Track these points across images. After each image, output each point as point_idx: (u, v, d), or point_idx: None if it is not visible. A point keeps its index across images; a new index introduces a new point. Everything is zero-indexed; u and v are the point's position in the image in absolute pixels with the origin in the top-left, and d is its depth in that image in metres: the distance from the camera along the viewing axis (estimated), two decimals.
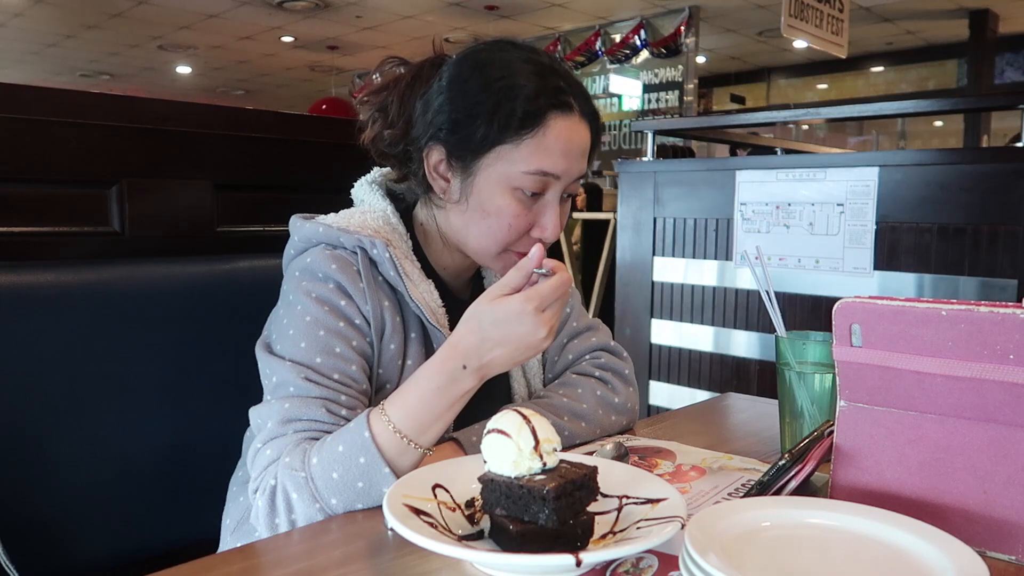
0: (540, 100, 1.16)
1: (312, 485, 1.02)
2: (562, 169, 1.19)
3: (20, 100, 1.37)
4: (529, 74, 1.18)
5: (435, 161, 1.23)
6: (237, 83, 14.84)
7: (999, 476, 0.89)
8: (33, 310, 1.25)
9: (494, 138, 1.17)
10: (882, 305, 0.92)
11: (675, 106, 9.73)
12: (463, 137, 1.19)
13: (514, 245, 1.23)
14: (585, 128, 1.22)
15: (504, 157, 1.18)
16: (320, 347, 1.14)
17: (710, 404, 1.80)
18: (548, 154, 1.17)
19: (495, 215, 1.20)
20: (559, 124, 1.17)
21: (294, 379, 1.11)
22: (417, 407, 1.06)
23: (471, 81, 1.20)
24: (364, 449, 1.03)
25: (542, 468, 0.87)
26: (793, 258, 3.13)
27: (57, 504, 1.27)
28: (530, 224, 1.21)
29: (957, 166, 2.77)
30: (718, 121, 5.54)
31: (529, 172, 1.17)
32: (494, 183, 1.19)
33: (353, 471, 1.02)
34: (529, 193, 1.19)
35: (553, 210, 1.21)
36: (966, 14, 10.04)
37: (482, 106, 1.17)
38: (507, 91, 1.17)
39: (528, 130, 1.16)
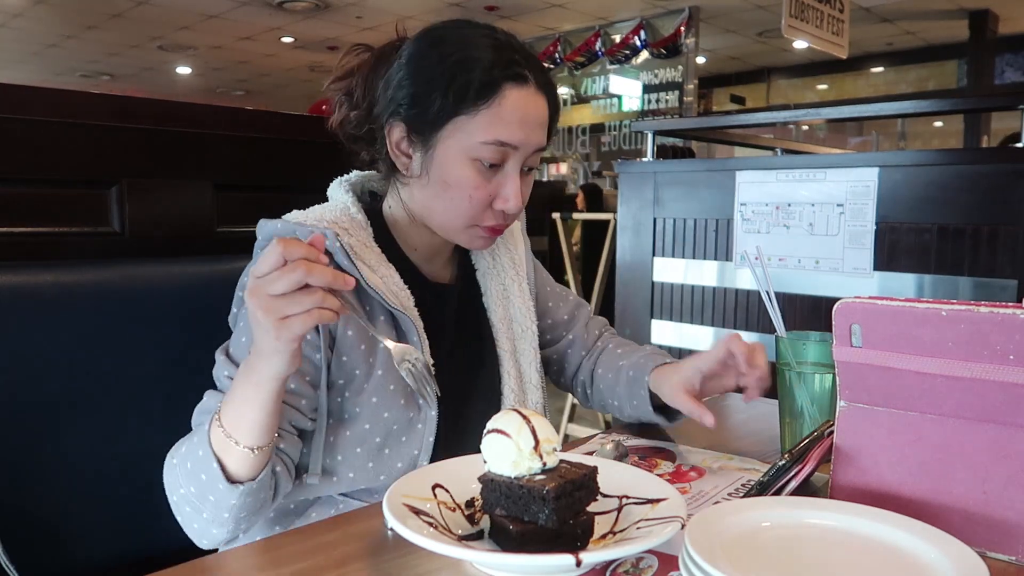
0: (495, 71, 1.18)
1: (177, 472, 1.09)
2: (519, 139, 1.20)
3: (20, 100, 1.37)
4: (484, 47, 1.20)
5: (397, 138, 1.26)
6: (237, 83, 14.84)
7: (999, 476, 0.89)
8: (33, 310, 1.25)
9: (451, 110, 1.19)
10: (882, 305, 0.92)
11: (675, 106, 9.73)
12: (421, 111, 1.21)
13: (479, 219, 1.25)
14: (541, 99, 1.24)
15: (461, 128, 1.20)
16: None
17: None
18: (505, 124, 1.19)
19: (455, 186, 1.22)
20: (514, 94, 1.19)
21: (220, 375, 1.18)
22: (231, 400, 1.05)
23: (428, 56, 1.23)
24: (203, 443, 1.06)
25: (542, 468, 0.87)
26: (793, 258, 3.13)
27: (57, 504, 1.27)
28: (491, 196, 1.23)
29: (957, 167, 2.77)
30: (718, 122, 5.54)
31: (486, 142, 1.19)
32: (453, 155, 1.21)
33: (198, 463, 1.06)
34: (488, 164, 1.21)
35: (513, 180, 1.23)
36: (966, 15, 10.04)
37: (438, 79, 1.19)
38: (462, 63, 1.19)
39: (484, 101, 1.18)
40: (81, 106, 1.44)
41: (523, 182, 1.26)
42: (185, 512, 1.10)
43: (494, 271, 1.43)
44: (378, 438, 1.19)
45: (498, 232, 1.29)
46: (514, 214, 1.26)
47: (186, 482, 1.07)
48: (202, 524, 1.09)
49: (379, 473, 1.19)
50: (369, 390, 1.19)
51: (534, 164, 1.27)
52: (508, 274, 1.43)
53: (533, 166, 1.27)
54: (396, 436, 1.20)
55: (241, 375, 1.04)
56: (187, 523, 1.11)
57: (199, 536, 1.11)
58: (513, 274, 1.43)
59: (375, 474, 1.19)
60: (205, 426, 1.07)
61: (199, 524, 1.09)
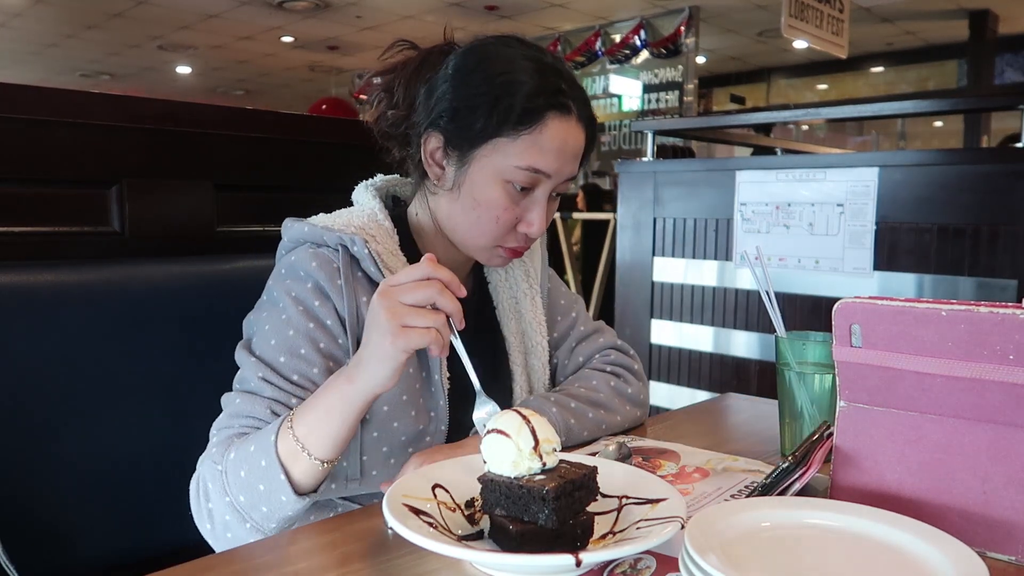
0: (540, 99, 1.18)
1: (224, 479, 1.07)
2: (554, 169, 1.21)
3: (20, 100, 1.37)
4: (532, 71, 1.20)
5: (432, 148, 1.26)
6: (237, 83, 14.83)
7: (999, 476, 0.89)
8: (33, 310, 1.25)
9: (492, 130, 1.19)
10: (882, 305, 0.92)
11: (675, 106, 9.72)
12: (462, 126, 1.21)
13: (502, 240, 1.25)
14: (581, 131, 1.24)
15: (500, 150, 1.20)
16: (287, 347, 1.16)
17: (710, 404, 1.80)
18: (542, 152, 1.19)
19: (485, 206, 1.22)
20: (556, 124, 1.19)
21: (252, 376, 1.15)
22: (313, 417, 1.05)
23: (475, 73, 1.22)
24: (266, 452, 1.04)
25: (542, 468, 0.87)
26: (793, 258, 3.13)
27: (57, 504, 1.27)
28: (517, 219, 1.24)
29: (957, 166, 2.77)
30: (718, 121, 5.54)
31: (522, 167, 1.19)
32: (487, 174, 1.21)
33: (256, 472, 1.05)
34: (519, 188, 1.21)
35: (541, 207, 1.24)
36: (966, 15, 10.04)
37: (483, 98, 1.19)
38: (508, 86, 1.19)
39: (525, 127, 1.18)
40: (81, 106, 1.44)
41: (550, 207, 1.27)
42: (222, 520, 1.07)
43: (506, 284, 1.42)
44: (385, 447, 1.19)
45: (518, 254, 1.29)
46: (535, 238, 1.26)
47: (236, 491, 1.05)
48: (240, 533, 1.07)
49: (380, 480, 1.19)
50: (383, 399, 1.19)
51: (563, 191, 1.27)
52: (520, 287, 1.42)
53: (562, 192, 1.27)
54: (403, 447, 1.20)
55: (329, 387, 1.05)
56: (218, 530, 1.08)
57: (223, 540, 1.09)
58: (526, 287, 1.42)
59: (376, 481, 1.19)
60: (269, 435, 1.05)
61: (234, 533, 1.07)
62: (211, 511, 1.08)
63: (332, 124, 1.81)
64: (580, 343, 1.48)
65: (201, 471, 1.11)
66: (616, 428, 1.37)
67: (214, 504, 1.08)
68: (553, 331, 1.47)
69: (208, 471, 1.09)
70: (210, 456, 1.11)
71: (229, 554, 0.97)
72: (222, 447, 1.10)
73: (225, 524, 1.07)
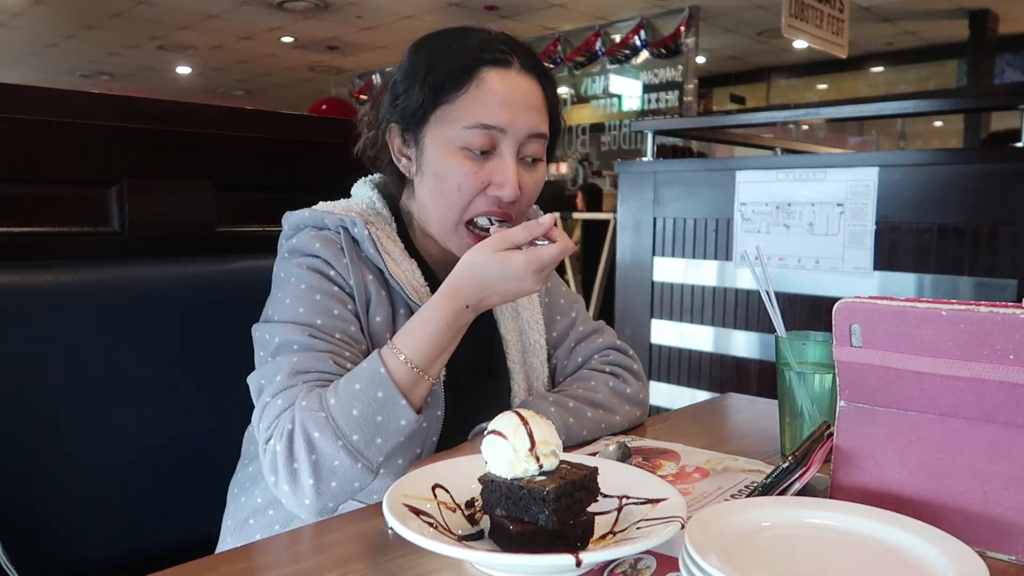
0: (469, 56, 1.20)
1: (333, 423, 1.05)
2: (504, 121, 1.20)
3: (20, 100, 1.37)
4: (462, 40, 1.23)
5: (396, 142, 1.28)
6: (237, 83, 14.83)
7: (999, 476, 0.89)
8: (33, 310, 1.25)
9: (431, 101, 1.21)
10: (882, 305, 0.92)
11: (675, 106, 9.72)
12: (406, 108, 1.23)
13: (470, 209, 1.23)
14: (528, 81, 1.23)
15: (444, 118, 1.21)
16: (319, 309, 1.17)
17: (710, 404, 1.80)
18: (485, 107, 1.19)
19: (444, 177, 1.22)
20: (493, 76, 1.20)
21: (298, 336, 1.13)
22: (427, 342, 1.11)
23: (414, 58, 1.25)
24: (381, 384, 1.07)
25: (539, 470, 0.86)
26: (793, 258, 3.13)
27: (57, 504, 1.27)
28: (484, 183, 1.22)
29: (957, 166, 2.77)
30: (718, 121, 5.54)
31: (469, 127, 1.19)
32: (440, 146, 1.22)
33: (372, 406, 1.07)
34: (478, 152, 1.20)
35: (507, 165, 1.21)
36: (966, 14, 10.03)
37: (419, 74, 1.22)
38: (440, 55, 1.21)
39: (461, 86, 1.19)
40: (81, 106, 1.44)
41: (528, 175, 1.24)
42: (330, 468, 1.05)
43: None
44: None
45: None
46: (510, 201, 1.22)
47: (349, 431, 1.06)
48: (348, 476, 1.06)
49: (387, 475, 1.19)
50: None
51: (536, 154, 1.24)
52: None
53: (536, 156, 1.25)
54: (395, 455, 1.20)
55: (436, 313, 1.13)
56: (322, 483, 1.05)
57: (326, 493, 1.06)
58: None
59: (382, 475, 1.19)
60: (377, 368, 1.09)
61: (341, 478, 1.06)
62: (316, 463, 1.04)
63: (332, 124, 1.81)
64: (579, 343, 1.47)
65: (299, 424, 1.06)
66: (616, 428, 1.36)
67: (321, 454, 1.04)
68: (552, 331, 1.47)
69: (310, 420, 1.05)
70: (303, 408, 1.06)
71: (230, 554, 0.97)
72: (312, 398, 1.07)
73: (332, 471, 1.05)
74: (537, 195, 1.28)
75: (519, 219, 1.27)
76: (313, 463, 1.05)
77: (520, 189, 1.22)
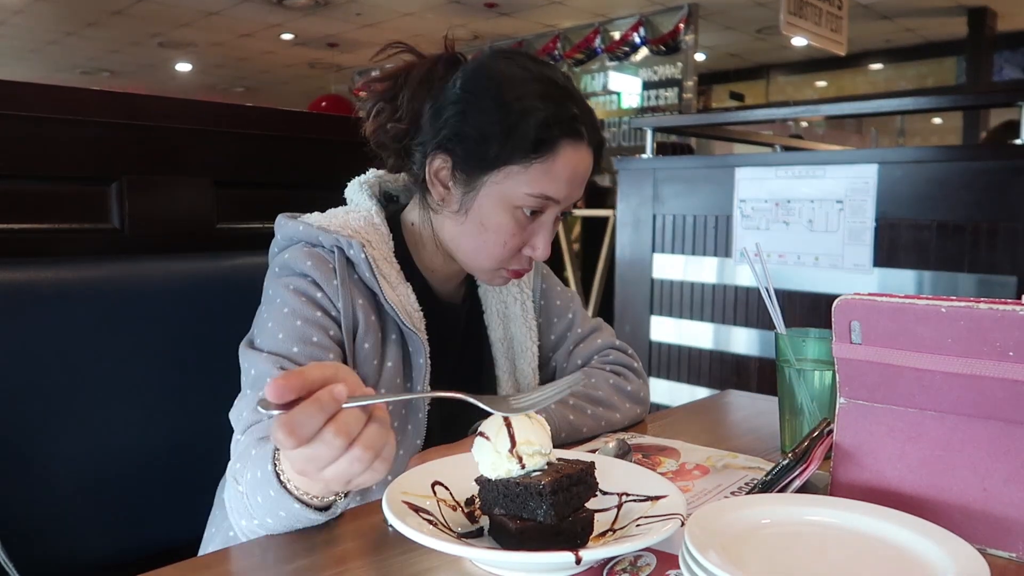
0: (554, 128, 1.18)
1: (247, 502, 0.97)
2: (564, 195, 1.22)
3: (20, 97, 1.37)
4: (544, 96, 1.19)
5: (437, 167, 1.24)
6: (237, 80, 14.81)
7: (999, 473, 0.89)
8: (32, 307, 1.25)
9: (504, 158, 1.18)
10: (882, 302, 0.92)
11: (674, 103, 9.70)
12: (472, 152, 1.20)
13: (507, 263, 1.26)
14: (590, 156, 1.24)
15: (511, 177, 1.19)
16: (297, 336, 1.14)
17: (710, 401, 1.80)
18: (554, 180, 1.19)
19: (493, 231, 1.22)
20: (568, 152, 1.19)
21: (270, 369, 1.11)
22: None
23: (485, 97, 1.20)
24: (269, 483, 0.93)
25: (522, 470, 0.86)
26: (792, 255, 3.13)
27: (57, 503, 1.27)
28: (523, 243, 1.24)
29: (956, 163, 2.77)
30: (717, 118, 5.54)
31: (533, 195, 1.20)
32: (496, 200, 1.21)
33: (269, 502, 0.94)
34: (529, 212, 1.21)
35: (547, 231, 1.24)
36: (965, 11, 10.02)
37: (495, 126, 1.18)
38: (522, 114, 1.17)
39: (539, 156, 1.18)
40: (81, 103, 1.44)
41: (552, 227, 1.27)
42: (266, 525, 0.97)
43: (495, 290, 1.41)
44: None
45: (521, 275, 1.30)
46: (541, 260, 1.27)
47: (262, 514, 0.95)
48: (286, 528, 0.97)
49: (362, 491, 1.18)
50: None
51: (567, 211, 1.28)
52: (511, 292, 1.42)
53: (567, 212, 1.28)
54: None
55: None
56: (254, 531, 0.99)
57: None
58: (516, 292, 1.42)
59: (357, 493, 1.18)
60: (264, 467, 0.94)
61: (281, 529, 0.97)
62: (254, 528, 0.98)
63: (332, 121, 1.81)
64: (578, 345, 1.47)
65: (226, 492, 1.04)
66: (616, 425, 1.37)
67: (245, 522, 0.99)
68: (550, 333, 1.47)
69: (230, 492, 1.02)
70: (232, 472, 1.03)
71: (229, 551, 0.97)
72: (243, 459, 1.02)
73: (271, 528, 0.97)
74: None
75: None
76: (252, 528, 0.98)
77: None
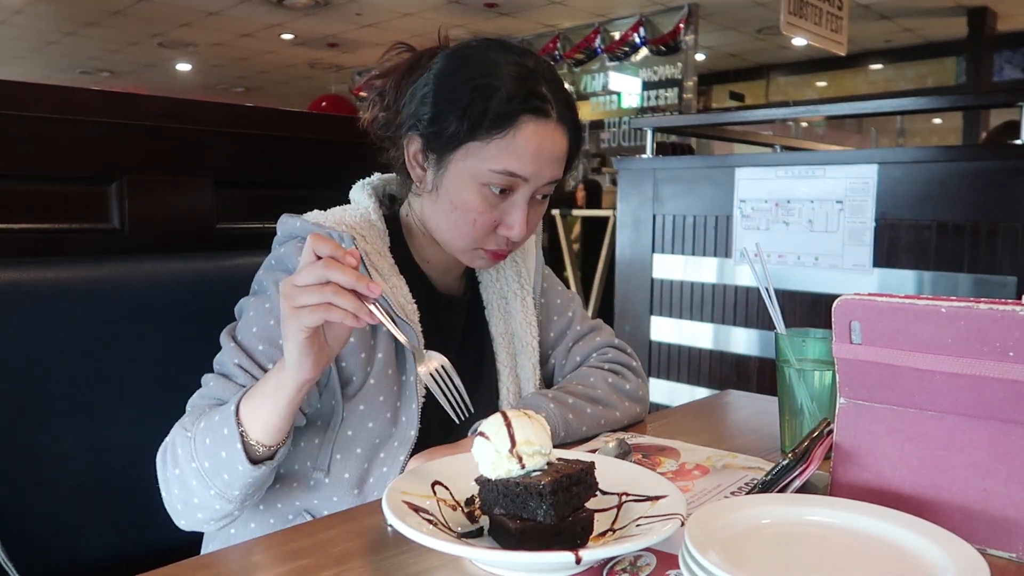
0: (514, 103, 1.18)
1: (193, 445, 1.08)
2: (530, 172, 1.21)
3: (20, 97, 1.37)
4: (509, 76, 1.20)
5: (414, 150, 1.27)
6: (237, 80, 14.81)
7: (999, 473, 0.89)
8: (33, 307, 1.25)
9: (465, 135, 1.20)
10: (882, 302, 0.92)
11: (674, 103, 9.71)
12: (437, 130, 1.22)
13: (483, 242, 1.26)
14: (561, 134, 1.23)
15: (473, 154, 1.20)
16: (266, 336, 1.17)
17: (710, 401, 1.80)
18: (516, 156, 1.19)
19: (461, 209, 1.23)
20: (531, 128, 1.19)
21: (228, 363, 1.17)
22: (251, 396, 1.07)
23: (453, 76, 1.23)
24: (228, 421, 1.05)
25: (521, 470, 0.86)
26: (792, 255, 3.13)
27: (57, 503, 1.27)
28: (496, 221, 1.24)
29: (956, 163, 2.77)
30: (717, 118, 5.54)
31: (496, 171, 1.20)
32: (463, 178, 1.22)
33: (219, 440, 1.06)
34: (497, 191, 1.21)
35: (520, 209, 1.23)
36: (965, 12, 10.02)
37: (458, 102, 1.20)
38: (483, 90, 1.19)
39: (499, 131, 1.18)
40: (81, 103, 1.44)
41: (533, 210, 1.26)
42: (188, 485, 1.09)
43: (496, 284, 1.42)
44: (359, 448, 1.19)
45: (500, 257, 1.29)
46: (518, 240, 1.26)
47: (202, 456, 1.07)
48: (205, 498, 1.08)
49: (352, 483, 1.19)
50: (359, 398, 1.19)
51: (547, 192, 1.27)
52: (511, 287, 1.42)
53: (545, 195, 1.27)
54: (375, 449, 1.20)
55: (271, 373, 1.06)
56: (184, 495, 1.10)
57: (190, 507, 1.11)
58: (517, 288, 1.42)
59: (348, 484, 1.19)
60: (231, 406, 1.06)
61: (200, 498, 1.09)
62: (179, 476, 1.09)
63: (332, 121, 1.81)
64: (577, 342, 1.48)
65: (172, 437, 1.13)
66: (615, 424, 1.37)
67: (182, 469, 1.09)
68: (549, 331, 1.47)
69: (179, 437, 1.11)
70: (182, 424, 1.13)
71: (229, 551, 0.97)
72: (193, 416, 1.13)
73: (191, 489, 1.09)
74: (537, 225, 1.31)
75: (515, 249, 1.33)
76: (177, 477, 1.10)
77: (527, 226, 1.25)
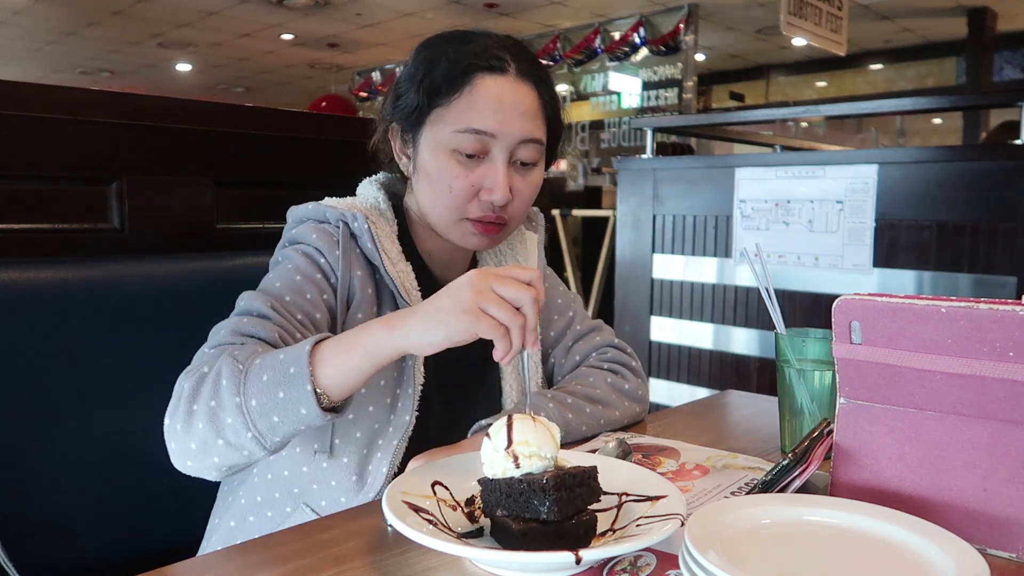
0: (464, 61, 1.21)
1: (243, 380, 0.99)
2: (495, 127, 1.20)
3: (20, 97, 1.37)
4: (462, 42, 1.23)
5: (398, 143, 1.30)
6: (237, 80, 14.81)
7: (999, 473, 0.89)
8: (33, 307, 1.25)
9: (427, 105, 1.22)
10: (882, 302, 0.92)
11: (674, 104, 9.71)
12: (404, 108, 1.25)
13: (466, 211, 1.24)
14: (524, 87, 1.23)
15: (437, 120, 1.22)
16: (293, 288, 1.18)
17: (710, 401, 1.80)
18: (477, 112, 1.20)
19: (436, 178, 1.24)
20: (487, 82, 1.21)
21: (259, 305, 1.13)
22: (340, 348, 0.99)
23: (413, 60, 1.27)
24: (297, 361, 0.98)
25: (517, 470, 0.86)
26: (792, 255, 3.13)
27: (57, 503, 1.27)
28: (475, 186, 1.23)
29: (956, 163, 2.77)
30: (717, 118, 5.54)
31: (460, 131, 1.20)
32: (433, 148, 1.24)
33: (280, 379, 0.98)
34: (467, 155, 1.21)
35: (497, 170, 1.22)
36: (965, 12, 10.02)
37: (415, 76, 1.24)
38: (435, 59, 1.23)
39: (455, 91, 1.20)
40: (81, 103, 1.44)
41: (521, 178, 1.25)
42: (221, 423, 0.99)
43: None
44: (358, 432, 1.19)
45: (491, 229, 1.25)
46: (501, 204, 1.23)
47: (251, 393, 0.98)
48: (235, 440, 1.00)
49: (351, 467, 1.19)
50: None
51: (530, 159, 1.25)
52: None
53: (528, 160, 1.25)
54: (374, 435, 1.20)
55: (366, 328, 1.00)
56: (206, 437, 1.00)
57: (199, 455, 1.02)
58: None
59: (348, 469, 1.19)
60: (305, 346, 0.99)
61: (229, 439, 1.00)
62: (212, 410, 1.00)
63: (332, 121, 1.81)
64: (577, 342, 1.48)
65: (216, 368, 1.02)
66: (615, 424, 1.37)
67: (220, 402, 0.99)
68: (550, 330, 1.48)
69: (227, 367, 1.01)
70: (230, 354, 1.03)
71: (229, 550, 0.97)
72: (246, 351, 1.04)
73: (222, 427, 1.00)
74: (533, 198, 1.29)
75: (515, 222, 1.29)
76: (211, 410, 1.00)
77: (513, 193, 1.23)
